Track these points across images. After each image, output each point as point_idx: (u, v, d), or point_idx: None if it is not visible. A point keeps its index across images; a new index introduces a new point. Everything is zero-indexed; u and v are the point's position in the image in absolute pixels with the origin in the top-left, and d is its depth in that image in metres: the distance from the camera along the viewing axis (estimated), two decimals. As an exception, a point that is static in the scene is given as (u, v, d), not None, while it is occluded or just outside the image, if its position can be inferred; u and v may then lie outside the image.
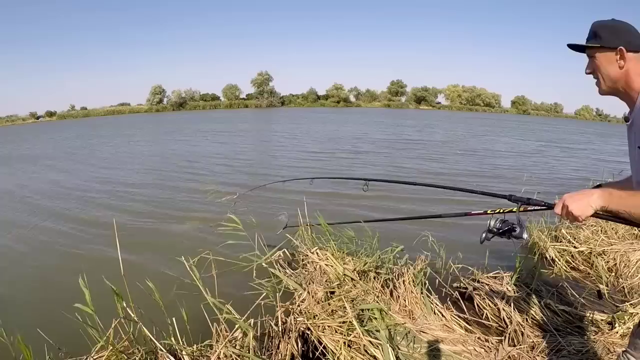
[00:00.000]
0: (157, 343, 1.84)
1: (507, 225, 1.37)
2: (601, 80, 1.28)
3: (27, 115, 56.95)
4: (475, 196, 2.36)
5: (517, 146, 15.19)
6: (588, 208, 1.16)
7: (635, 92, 1.21)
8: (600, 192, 1.17)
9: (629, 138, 1.28)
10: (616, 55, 1.21)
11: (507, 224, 1.38)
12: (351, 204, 5.91)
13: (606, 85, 1.27)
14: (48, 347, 2.07)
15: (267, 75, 60.34)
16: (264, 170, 9.15)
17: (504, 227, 1.38)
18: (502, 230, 1.38)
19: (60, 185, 7.98)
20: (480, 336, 2.37)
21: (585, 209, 1.16)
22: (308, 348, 2.08)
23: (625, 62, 1.20)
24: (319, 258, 2.79)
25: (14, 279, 3.73)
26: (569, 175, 9.00)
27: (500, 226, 1.39)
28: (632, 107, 1.24)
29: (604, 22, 1.26)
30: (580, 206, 1.16)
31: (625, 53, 1.20)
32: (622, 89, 1.25)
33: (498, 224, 1.40)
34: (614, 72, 1.23)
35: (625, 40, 1.20)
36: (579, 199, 1.18)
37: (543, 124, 34.86)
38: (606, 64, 1.24)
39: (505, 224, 1.39)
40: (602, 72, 1.26)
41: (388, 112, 47.92)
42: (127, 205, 6.17)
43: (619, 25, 1.24)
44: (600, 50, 1.25)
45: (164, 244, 4.38)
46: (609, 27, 1.23)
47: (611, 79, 1.25)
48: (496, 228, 1.40)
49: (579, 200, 1.17)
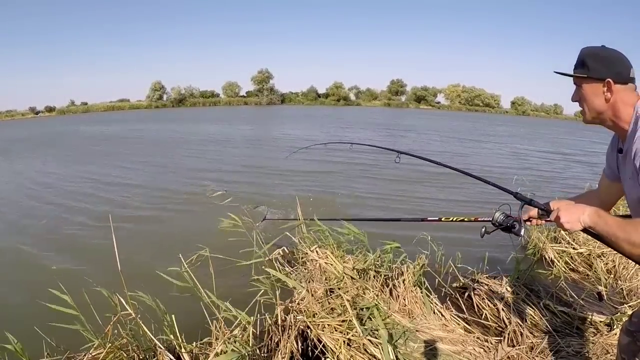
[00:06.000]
0: (155, 340, 1.83)
1: (509, 221, 1.41)
2: (586, 110, 1.25)
3: (26, 110, 56.68)
4: (470, 199, 2.36)
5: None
6: (577, 224, 1.18)
7: (626, 122, 1.18)
8: (591, 212, 1.16)
9: (620, 169, 1.27)
10: (603, 87, 1.17)
11: (510, 220, 1.42)
12: (351, 203, 5.93)
13: (590, 115, 1.25)
14: (46, 344, 2.07)
15: (267, 72, 60.25)
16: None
17: (507, 222, 1.42)
18: (504, 225, 1.42)
19: (56, 177, 7.97)
20: (480, 336, 2.37)
21: (574, 224, 1.18)
22: (307, 346, 2.08)
23: (612, 94, 1.16)
24: (319, 256, 2.78)
25: (12, 278, 3.72)
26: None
27: (504, 220, 1.43)
28: (623, 137, 1.21)
29: (593, 50, 1.20)
30: (571, 220, 1.19)
31: (612, 85, 1.15)
32: (610, 120, 1.22)
33: (502, 217, 1.44)
34: (599, 104, 1.20)
35: (614, 71, 1.15)
36: (571, 213, 1.19)
37: (538, 126, 34.84)
38: (592, 96, 1.20)
39: (508, 219, 1.43)
40: (587, 102, 1.23)
41: (381, 111, 47.88)
42: (124, 201, 6.16)
43: (609, 54, 1.18)
44: (587, 81, 1.20)
45: (162, 241, 4.37)
46: (598, 57, 1.18)
47: (596, 111, 1.22)
48: (498, 222, 1.44)
49: (572, 215, 1.19)
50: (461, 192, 6.72)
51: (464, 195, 6.56)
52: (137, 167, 9.26)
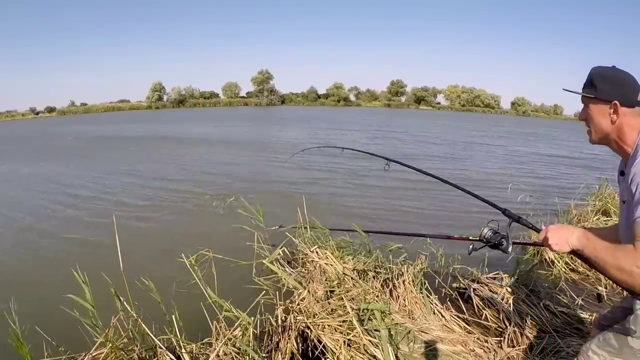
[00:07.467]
0: (156, 340, 1.83)
1: (497, 238, 1.44)
2: (592, 130, 1.26)
3: (26, 111, 56.74)
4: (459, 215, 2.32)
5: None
6: (565, 245, 1.19)
7: (629, 146, 1.19)
8: (579, 234, 1.17)
9: (620, 191, 1.27)
10: (610, 108, 1.17)
11: (497, 236, 1.44)
12: (355, 206, 5.92)
13: (596, 136, 1.26)
14: (46, 343, 2.07)
15: (267, 73, 60.31)
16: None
17: (494, 238, 1.44)
18: (492, 242, 1.45)
19: (68, 176, 7.98)
20: (480, 337, 2.37)
21: (562, 245, 1.20)
22: (307, 347, 2.08)
23: (618, 117, 1.17)
24: (319, 257, 2.78)
25: (10, 277, 3.72)
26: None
27: (491, 237, 1.45)
28: (626, 160, 1.22)
29: (602, 71, 1.21)
30: (559, 242, 1.20)
31: (619, 107, 1.16)
32: (614, 142, 1.23)
33: (490, 233, 1.46)
34: (605, 126, 1.20)
35: (621, 93, 1.15)
36: (560, 235, 1.21)
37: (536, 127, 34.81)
38: (598, 116, 1.21)
39: (496, 235, 1.45)
40: (593, 123, 1.24)
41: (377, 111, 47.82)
42: (127, 202, 6.16)
43: (618, 75, 1.18)
44: (594, 102, 1.21)
45: (164, 242, 4.38)
46: (607, 78, 1.18)
47: (602, 131, 1.23)
48: (486, 238, 1.47)
49: (560, 237, 1.20)
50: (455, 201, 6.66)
51: (458, 203, 6.47)
52: (167, 162, 9.28)
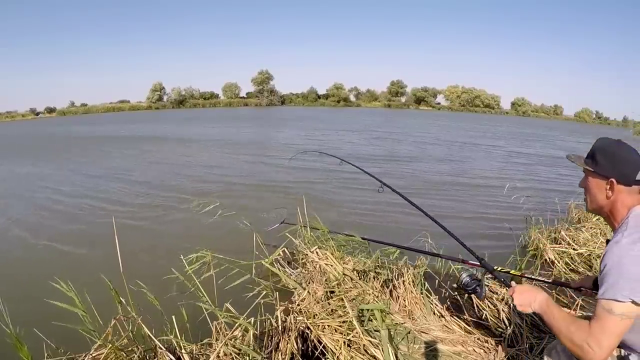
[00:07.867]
0: (156, 341, 1.83)
1: (474, 284, 1.55)
2: (588, 200, 1.32)
3: (27, 112, 56.78)
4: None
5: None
6: (528, 307, 1.29)
7: (617, 222, 1.23)
8: (541, 301, 1.26)
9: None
10: (606, 184, 1.22)
11: (474, 283, 1.56)
12: (360, 208, 5.92)
13: (591, 206, 1.32)
14: (46, 345, 2.06)
15: (267, 74, 60.35)
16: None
17: (472, 284, 1.56)
18: (468, 290, 1.57)
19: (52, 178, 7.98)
20: (480, 337, 2.37)
21: (525, 307, 1.30)
22: (308, 347, 2.08)
23: (613, 193, 1.21)
24: (319, 257, 2.78)
25: (9, 276, 3.72)
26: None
27: (468, 283, 1.57)
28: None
29: (607, 146, 1.24)
30: (523, 303, 1.30)
31: (615, 185, 1.20)
32: (607, 215, 1.28)
33: (467, 279, 1.58)
34: (601, 199, 1.26)
35: (620, 171, 1.19)
36: (524, 297, 1.30)
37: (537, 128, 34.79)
38: (595, 189, 1.27)
39: (473, 282, 1.56)
40: (590, 194, 1.30)
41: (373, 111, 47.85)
42: (126, 202, 6.16)
43: (619, 153, 1.21)
44: (593, 175, 1.26)
45: (163, 242, 4.37)
46: (608, 154, 1.22)
47: (597, 203, 1.28)
48: (463, 284, 1.58)
49: (524, 299, 1.30)
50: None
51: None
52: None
